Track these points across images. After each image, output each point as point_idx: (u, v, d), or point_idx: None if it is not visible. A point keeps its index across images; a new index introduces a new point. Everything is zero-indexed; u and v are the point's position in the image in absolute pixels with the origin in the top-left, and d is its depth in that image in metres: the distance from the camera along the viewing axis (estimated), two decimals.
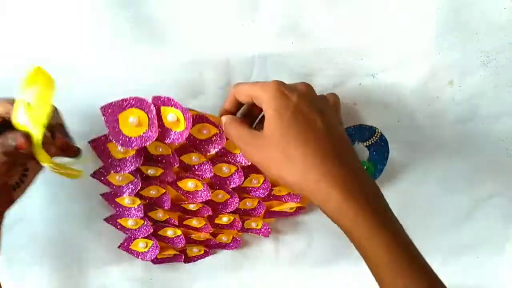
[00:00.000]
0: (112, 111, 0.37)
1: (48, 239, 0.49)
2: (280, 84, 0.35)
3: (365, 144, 0.46)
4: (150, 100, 0.38)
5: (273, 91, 0.35)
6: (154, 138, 0.38)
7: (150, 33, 0.42)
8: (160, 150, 0.42)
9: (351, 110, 0.46)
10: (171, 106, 0.38)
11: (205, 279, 0.53)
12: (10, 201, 0.36)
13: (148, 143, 0.38)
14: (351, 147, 0.37)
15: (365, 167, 0.47)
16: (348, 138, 0.37)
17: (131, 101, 0.37)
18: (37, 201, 0.47)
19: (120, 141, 0.38)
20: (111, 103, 0.37)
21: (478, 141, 0.49)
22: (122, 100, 0.37)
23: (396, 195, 0.49)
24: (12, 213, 0.37)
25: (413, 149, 0.49)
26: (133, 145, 0.38)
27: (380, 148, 0.47)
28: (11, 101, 0.33)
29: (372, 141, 0.46)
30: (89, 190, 0.47)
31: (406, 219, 0.35)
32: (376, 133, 0.46)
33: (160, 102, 0.38)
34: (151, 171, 0.43)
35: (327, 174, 0.33)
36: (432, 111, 0.47)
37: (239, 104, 0.40)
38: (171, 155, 0.42)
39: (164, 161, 0.43)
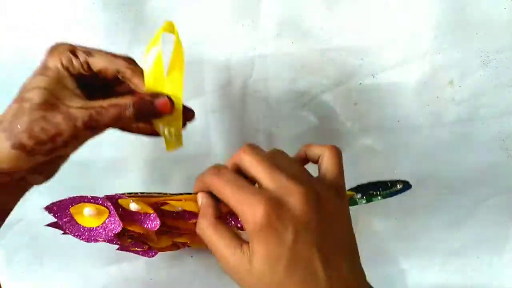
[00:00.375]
0: (60, 208, 0.32)
1: (48, 239, 0.49)
2: (271, 210, 0.26)
3: (378, 195, 0.39)
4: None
5: (261, 222, 0.26)
6: (119, 229, 0.33)
7: (150, 33, 0.42)
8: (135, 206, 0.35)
9: (351, 110, 0.46)
10: (128, 198, 0.32)
11: (205, 279, 0.53)
12: (58, 167, 0.34)
13: (114, 233, 0.33)
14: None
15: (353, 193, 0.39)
16: (358, 269, 0.30)
17: (80, 198, 0.32)
18: (36, 201, 0.47)
19: (84, 236, 0.33)
20: (55, 202, 0.32)
21: (478, 141, 0.49)
22: (69, 198, 0.32)
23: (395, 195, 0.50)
24: (11, 213, 0.37)
25: (413, 149, 0.49)
26: (100, 236, 0.33)
27: (397, 193, 0.40)
28: (120, 57, 0.32)
29: (390, 191, 0.39)
30: (89, 190, 0.46)
31: (406, 219, 0.35)
32: (397, 185, 0.39)
33: (116, 198, 0.32)
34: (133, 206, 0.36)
35: None
36: (432, 111, 0.47)
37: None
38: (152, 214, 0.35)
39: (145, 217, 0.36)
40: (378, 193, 0.38)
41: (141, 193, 0.33)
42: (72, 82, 0.30)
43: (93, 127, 0.29)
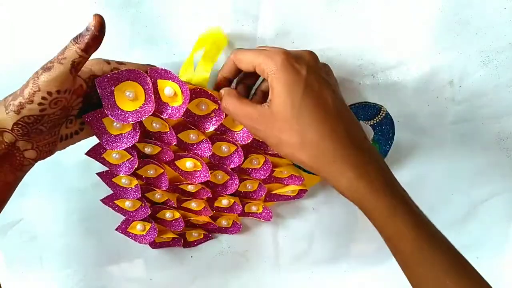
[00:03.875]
0: (108, 84, 0.36)
1: (48, 239, 0.49)
2: (287, 54, 0.34)
3: (370, 123, 0.45)
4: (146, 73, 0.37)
5: (280, 62, 0.33)
6: (151, 112, 0.37)
7: (150, 33, 0.42)
8: (157, 126, 0.40)
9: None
10: (168, 79, 0.36)
11: (204, 279, 0.53)
12: (52, 151, 0.36)
13: (144, 117, 0.37)
14: (359, 125, 0.37)
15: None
16: (353, 115, 0.37)
17: (127, 74, 0.36)
18: (36, 201, 0.47)
19: (116, 115, 0.36)
20: (107, 75, 0.35)
21: (478, 141, 0.49)
22: (118, 73, 0.35)
23: None
24: (11, 213, 0.37)
25: (413, 149, 0.49)
26: (129, 119, 0.37)
27: (385, 128, 0.46)
28: (107, 61, 0.36)
29: (377, 120, 0.45)
30: (88, 190, 0.47)
31: None
32: (382, 111, 0.45)
33: (157, 75, 0.36)
34: (148, 149, 0.42)
35: (342, 155, 0.34)
36: (432, 111, 0.47)
37: (238, 71, 0.39)
38: (168, 132, 0.40)
39: (161, 138, 0.41)
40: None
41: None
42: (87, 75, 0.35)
43: (48, 68, 0.32)
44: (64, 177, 0.47)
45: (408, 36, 0.44)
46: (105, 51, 0.42)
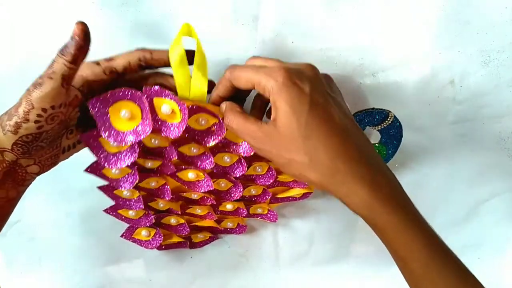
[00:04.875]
0: (102, 105, 0.34)
1: (47, 239, 0.49)
2: (288, 71, 0.32)
3: (377, 128, 0.45)
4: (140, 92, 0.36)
5: (281, 80, 0.32)
6: (149, 132, 0.35)
7: (150, 33, 0.42)
8: (156, 142, 0.40)
9: (351, 109, 0.46)
10: (164, 97, 0.35)
11: (204, 280, 0.53)
12: (55, 163, 0.36)
13: (142, 138, 0.36)
14: (367, 139, 0.36)
15: (376, 150, 0.45)
16: (360, 129, 0.36)
17: (121, 93, 0.34)
18: (35, 202, 0.47)
19: (112, 137, 0.35)
20: (100, 96, 0.34)
21: (479, 141, 0.48)
22: (111, 92, 0.34)
23: None
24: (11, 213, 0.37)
25: (414, 149, 0.49)
26: (126, 140, 0.36)
27: (393, 132, 0.45)
28: (134, 50, 0.36)
29: (384, 125, 0.44)
30: (88, 190, 0.47)
31: None
32: (389, 117, 0.44)
33: (152, 93, 0.35)
34: (149, 164, 0.42)
35: (353, 174, 0.33)
36: (433, 111, 0.47)
37: (234, 89, 0.36)
38: (168, 148, 0.40)
39: (161, 153, 0.41)
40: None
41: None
42: (80, 81, 0.34)
43: (38, 84, 0.31)
44: (64, 177, 0.47)
45: (409, 35, 0.43)
46: (105, 51, 0.42)
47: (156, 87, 0.35)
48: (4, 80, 0.42)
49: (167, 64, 0.36)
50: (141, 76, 0.38)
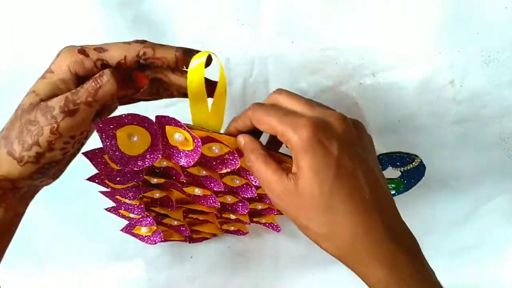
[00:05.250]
0: (109, 126, 0.30)
1: (47, 239, 0.49)
2: (315, 127, 0.28)
3: (399, 170, 0.42)
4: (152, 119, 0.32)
5: (306, 137, 0.27)
6: (158, 159, 0.33)
7: (150, 33, 0.42)
8: (164, 164, 0.37)
9: (351, 109, 0.46)
10: (178, 127, 0.31)
11: (204, 279, 0.53)
12: (59, 174, 0.32)
13: (150, 164, 0.33)
14: (395, 207, 0.31)
15: (392, 185, 0.43)
16: (388, 193, 0.31)
17: (131, 118, 0.30)
18: (35, 201, 0.47)
19: (119, 160, 0.32)
20: (108, 119, 0.30)
21: (479, 141, 0.48)
22: (120, 117, 0.30)
23: (396, 195, 0.49)
24: None
25: (414, 149, 0.49)
26: (132, 165, 0.32)
27: (414, 174, 0.42)
28: (133, 41, 0.30)
29: (408, 168, 0.41)
30: (88, 190, 0.46)
31: (406, 220, 0.35)
32: (415, 162, 0.41)
33: (164, 122, 0.31)
34: (154, 180, 0.40)
35: (376, 253, 0.29)
36: (433, 110, 0.47)
37: (253, 127, 0.32)
38: (175, 169, 0.38)
39: (168, 173, 0.39)
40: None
41: (186, 124, 0.32)
42: (73, 83, 0.29)
43: (71, 111, 0.27)
44: (64, 177, 0.47)
45: (409, 35, 0.43)
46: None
47: (169, 117, 0.31)
48: (4, 80, 0.42)
49: (171, 65, 0.30)
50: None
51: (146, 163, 0.32)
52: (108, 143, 0.31)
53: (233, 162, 0.35)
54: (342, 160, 0.28)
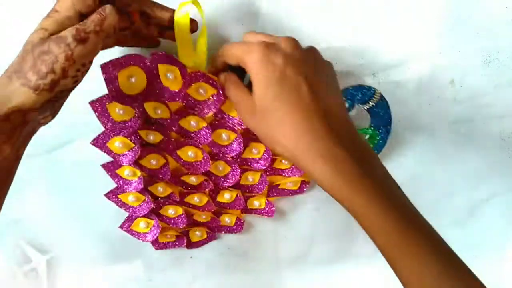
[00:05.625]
0: (112, 69, 0.37)
1: (47, 239, 0.48)
2: (267, 49, 0.33)
3: (365, 107, 0.45)
4: (148, 56, 0.38)
5: (257, 58, 0.33)
6: (151, 94, 0.39)
7: None
8: (159, 112, 0.41)
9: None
10: (170, 64, 0.38)
11: (204, 280, 0.53)
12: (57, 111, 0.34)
13: (146, 98, 0.39)
14: (345, 119, 0.35)
15: (367, 135, 0.45)
16: (342, 109, 0.35)
17: (130, 58, 0.37)
18: (35, 201, 0.47)
19: (120, 99, 0.38)
20: (111, 61, 0.37)
21: (479, 141, 0.48)
22: (121, 58, 0.37)
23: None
24: (10, 214, 0.37)
25: (414, 149, 0.49)
26: (131, 100, 0.38)
27: (382, 113, 0.45)
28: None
29: (373, 103, 0.44)
30: (88, 190, 0.46)
31: None
32: (376, 93, 0.44)
33: (158, 59, 0.38)
34: (151, 137, 0.43)
35: (316, 147, 0.32)
36: (433, 110, 0.47)
37: (226, 65, 0.38)
38: (169, 119, 0.42)
39: (163, 126, 0.42)
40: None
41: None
42: (77, 20, 0.31)
43: (82, 39, 0.30)
44: (64, 177, 0.47)
45: (409, 35, 0.43)
46: (104, 51, 0.42)
47: (163, 54, 0.37)
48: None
49: (164, 25, 0.37)
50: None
51: (144, 98, 0.39)
52: (111, 85, 0.37)
53: (217, 101, 0.40)
54: (285, 71, 0.33)
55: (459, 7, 0.42)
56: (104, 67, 0.36)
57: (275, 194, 0.48)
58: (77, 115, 0.42)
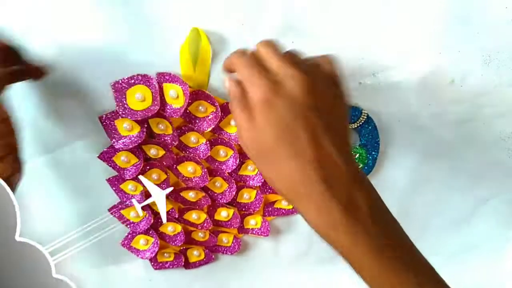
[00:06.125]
0: (121, 87, 0.41)
1: (47, 240, 0.48)
2: (268, 88, 0.31)
3: (353, 126, 0.45)
4: (154, 76, 0.42)
5: (259, 94, 0.31)
6: (156, 110, 0.42)
7: (150, 33, 0.42)
8: (162, 127, 0.44)
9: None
10: (174, 82, 0.41)
11: (204, 280, 0.53)
12: None
13: (150, 114, 0.42)
14: (344, 170, 0.32)
15: (357, 154, 0.46)
16: (342, 155, 0.32)
17: (138, 78, 0.41)
18: (35, 202, 0.47)
19: (128, 114, 0.41)
20: (120, 80, 0.41)
21: (479, 141, 0.48)
22: (129, 78, 0.41)
23: (396, 195, 0.49)
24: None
25: (414, 149, 0.49)
26: (138, 115, 0.41)
27: (369, 132, 0.45)
28: None
29: (360, 123, 0.45)
30: (88, 191, 0.47)
31: (406, 220, 0.35)
32: (362, 114, 0.44)
33: (163, 79, 0.42)
34: (153, 151, 0.45)
35: (309, 192, 0.31)
36: (433, 110, 0.47)
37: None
38: (171, 134, 0.44)
39: (165, 142, 0.44)
40: None
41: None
42: None
43: None
44: (64, 177, 0.47)
45: (409, 35, 0.43)
46: (104, 51, 0.42)
47: (168, 73, 0.41)
48: None
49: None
50: None
51: (148, 112, 0.42)
52: (120, 102, 0.41)
53: (215, 118, 0.43)
54: (286, 118, 0.31)
55: (459, 7, 0.42)
56: (114, 86, 0.41)
57: (272, 214, 0.49)
58: (77, 117, 0.42)
